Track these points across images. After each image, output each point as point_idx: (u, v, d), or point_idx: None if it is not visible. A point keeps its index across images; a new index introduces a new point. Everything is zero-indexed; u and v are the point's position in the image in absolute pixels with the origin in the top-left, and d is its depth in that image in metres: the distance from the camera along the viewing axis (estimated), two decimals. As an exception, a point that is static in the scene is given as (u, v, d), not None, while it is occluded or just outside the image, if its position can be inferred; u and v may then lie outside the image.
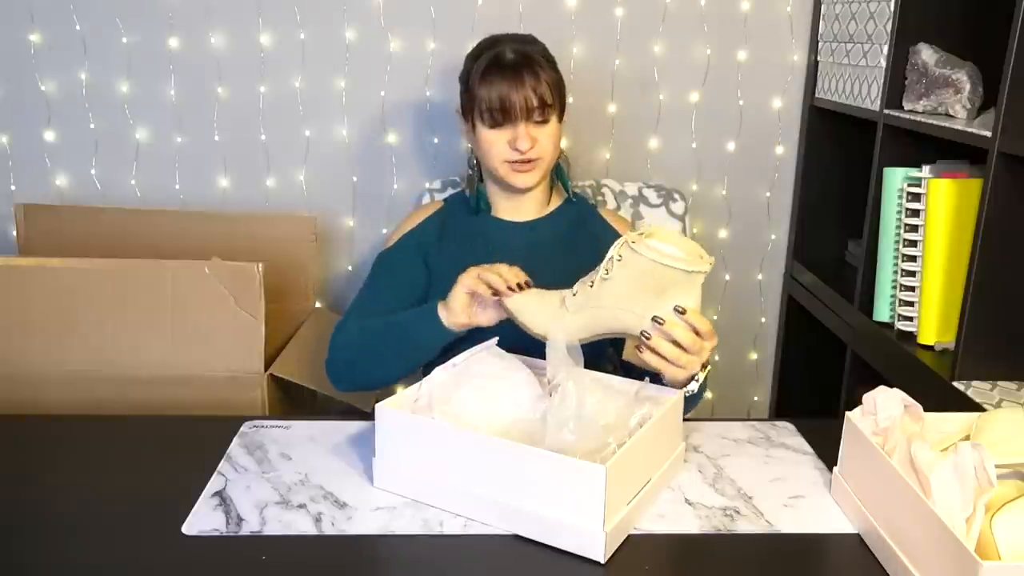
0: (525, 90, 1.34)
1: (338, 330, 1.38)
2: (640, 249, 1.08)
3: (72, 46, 1.96)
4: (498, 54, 1.38)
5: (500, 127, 1.36)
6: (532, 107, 1.35)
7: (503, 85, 1.34)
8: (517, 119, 1.35)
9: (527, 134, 1.36)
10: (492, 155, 1.38)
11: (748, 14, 2.02)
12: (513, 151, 1.36)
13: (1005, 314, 1.41)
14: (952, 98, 1.57)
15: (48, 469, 1.15)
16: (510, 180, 1.39)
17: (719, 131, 2.09)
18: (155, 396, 1.56)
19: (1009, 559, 0.83)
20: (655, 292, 1.11)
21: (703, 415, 2.21)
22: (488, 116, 1.36)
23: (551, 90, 1.37)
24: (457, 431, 1.03)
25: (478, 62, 1.39)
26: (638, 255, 1.09)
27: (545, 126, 1.38)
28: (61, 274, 1.56)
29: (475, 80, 1.37)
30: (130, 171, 2.04)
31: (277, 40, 1.98)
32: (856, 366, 1.78)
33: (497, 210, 1.47)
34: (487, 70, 1.37)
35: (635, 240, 1.10)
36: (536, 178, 1.40)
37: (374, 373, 1.34)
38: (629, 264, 1.10)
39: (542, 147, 1.37)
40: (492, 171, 1.41)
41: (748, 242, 2.17)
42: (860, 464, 1.04)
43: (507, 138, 1.36)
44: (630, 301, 1.12)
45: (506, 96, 1.34)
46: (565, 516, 0.96)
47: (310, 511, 1.04)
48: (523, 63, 1.36)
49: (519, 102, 1.34)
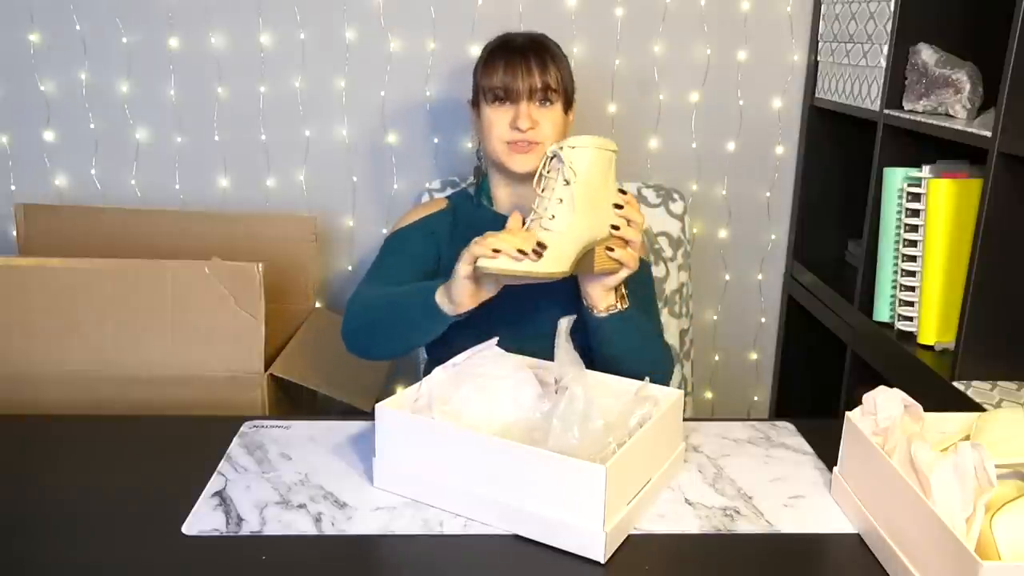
0: (531, 69, 1.35)
1: (352, 299, 1.36)
2: (579, 148, 1.15)
3: (72, 46, 1.96)
4: (508, 38, 1.41)
5: (502, 104, 1.37)
6: (536, 88, 1.36)
7: (510, 64, 1.36)
8: (519, 98, 1.36)
9: (528, 114, 1.35)
10: (492, 136, 1.38)
11: (748, 14, 2.02)
12: (513, 130, 1.36)
13: (1005, 314, 1.41)
14: (952, 98, 1.57)
15: (48, 469, 1.15)
16: (508, 163, 1.38)
17: (719, 131, 2.09)
18: (155, 396, 1.56)
19: (1009, 559, 0.83)
20: (602, 183, 1.18)
21: (703, 415, 2.22)
22: (491, 94, 1.37)
23: (557, 76, 1.38)
24: (457, 431, 1.03)
25: (490, 50, 1.41)
26: (585, 150, 1.15)
27: (548, 110, 1.38)
28: (61, 274, 1.56)
29: (484, 63, 1.40)
30: (130, 171, 2.04)
31: (277, 40, 1.98)
32: (856, 366, 1.78)
33: (500, 204, 1.47)
34: (495, 51, 1.39)
35: (566, 146, 1.15)
36: (534, 162, 1.37)
37: (383, 347, 1.34)
38: (577, 164, 1.15)
39: (543, 130, 1.37)
40: (492, 154, 1.40)
41: (748, 242, 2.17)
42: (860, 464, 1.04)
43: (509, 117, 1.36)
44: (595, 199, 1.17)
45: (511, 73, 1.35)
46: (565, 516, 0.96)
47: (310, 511, 1.04)
48: (531, 47, 1.38)
49: (523, 80, 1.35)
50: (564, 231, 1.14)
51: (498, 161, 1.40)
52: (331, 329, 1.91)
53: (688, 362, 1.80)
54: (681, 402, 1.15)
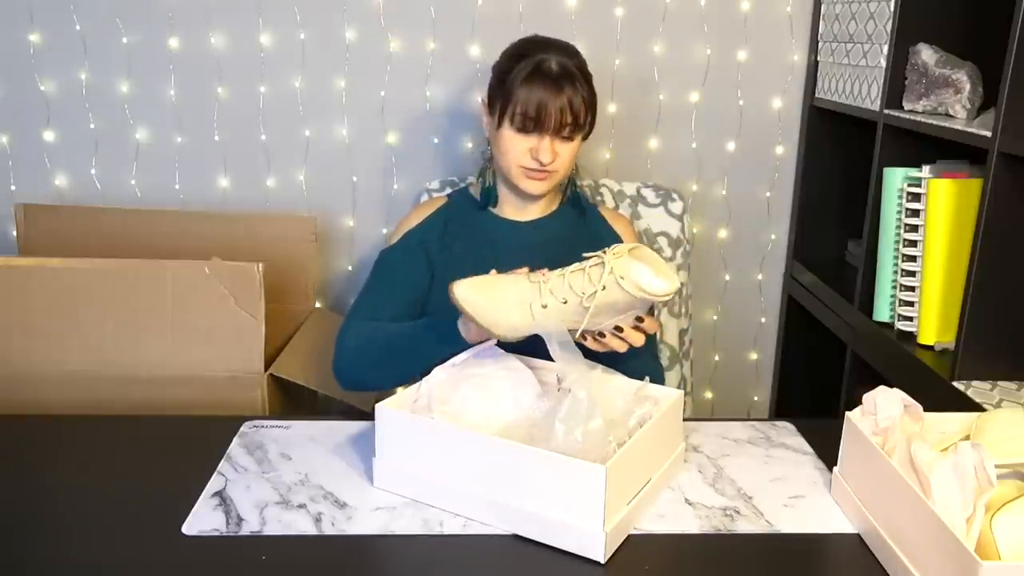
0: (562, 106, 1.32)
1: (343, 332, 1.37)
2: (625, 285, 1.10)
3: (72, 46, 1.96)
4: (543, 62, 1.34)
5: (527, 134, 1.35)
6: (565, 123, 1.33)
7: (543, 95, 1.32)
8: (546, 132, 1.34)
9: (551, 148, 1.34)
10: (509, 157, 1.37)
11: (748, 14, 2.02)
12: (533, 160, 1.35)
13: (1005, 314, 1.41)
14: (952, 98, 1.57)
15: (48, 469, 1.15)
16: (521, 185, 1.39)
17: (719, 131, 2.09)
18: (155, 396, 1.56)
19: (1009, 559, 0.83)
20: (625, 310, 1.15)
21: (703, 415, 2.22)
22: (519, 120, 1.34)
23: (586, 110, 1.36)
24: (457, 431, 1.03)
25: (521, 64, 1.35)
26: (621, 289, 1.10)
27: (570, 143, 1.37)
28: (61, 274, 1.56)
29: (515, 81, 1.34)
30: (130, 171, 2.04)
31: (277, 40, 1.98)
32: (856, 366, 1.78)
33: (502, 208, 1.47)
34: (531, 76, 1.33)
35: (622, 274, 1.10)
36: (547, 188, 1.40)
37: (384, 380, 1.35)
38: (611, 292, 1.11)
39: (561, 161, 1.37)
40: (504, 171, 1.40)
41: (748, 242, 2.17)
42: (860, 464, 1.04)
43: (530, 145, 1.35)
44: (601, 317, 1.15)
45: (543, 107, 1.32)
46: (565, 516, 0.96)
47: (310, 511, 1.04)
48: (567, 78, 1.34)
49: (554, 116, 1.32)
50: (551, 320, 1.12)
51: (510, 179, 1.40)
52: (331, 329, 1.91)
53: (688, 362, 1.80)
54: (681, 402, 1.15)
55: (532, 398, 1.13)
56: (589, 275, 1.12)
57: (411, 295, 1.41)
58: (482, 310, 1.12)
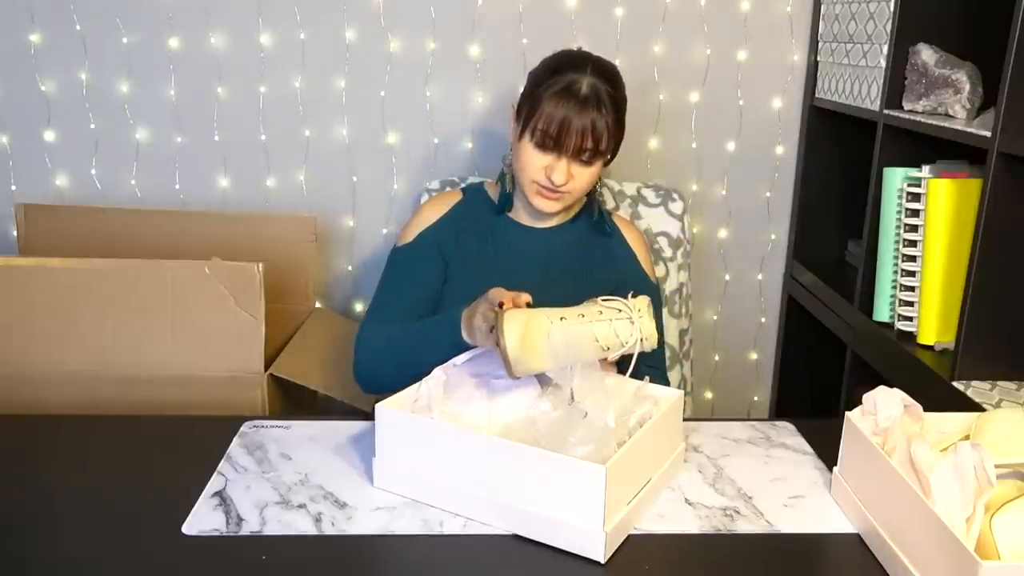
0: (584, 128, 1.30)
1: (361, 336, 1.37)
2: (644, 345, 1.13)
3: (72, 46, 1.96)
4: (575, 82, 1.31)
5: (545, 152, 1.33)
6: (585, 147, 1.31)
7: (566, 115, 1.30)
8: (564, 153, 1.32)
9: (567, 169, 1.33)
10: (525, 171, 1.35)
11: (748, 14, 2.02)
12: (547, 179, 1.34)
13: (1005, 314, 1.41)
14: (952, 98, 1.57)
15: (48, 469, 1.15)
16: (532, 201, 1.38)
17: (719, 131, 2.09)
18: (155, 396, 1.56)
19: (1009, 559, 0.83)
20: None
21: (703, 415, 2.22)
22: (539, 136, 1.32)
23: (609, 139, 1.33)
24: (457, 431, 1.03)
25: (554, 79, 1.33)
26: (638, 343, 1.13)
27: (588, 167, 1.35)
28: (61, 274, 1.56)
29: (543, 95, 1.32)
30: (130, 171, 2.04)
31: (277, 40, 1.98)
32: (856, 366, 1.78)
33: (518, 213, 1.46)
34: (559, 93, 1.31)
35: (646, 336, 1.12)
36: (557, 208, 1.38)
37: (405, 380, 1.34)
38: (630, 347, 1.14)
39: (576, 184, 1.35)
40: (520, 183, 1.39)
41: (748, 242, 2.17)
42: (860, 464, 1.04)
43: (546, 164, 1.33)
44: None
45: (565, 127, 1.30)
46: (565, 516, 0.96)
47: (310, 511, 1.04)
48: (594, 101, 1.31)
49: (574, 138, 1.30)
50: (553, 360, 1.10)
51: (523, 192, 1.40)
52: (331, 329, 1.92)
53: (688, 362, 1.80)
54: (681, 402, 1.15)
55: (532, 399, 1.13)
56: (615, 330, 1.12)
57: (426, 293, 1.40)
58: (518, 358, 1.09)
